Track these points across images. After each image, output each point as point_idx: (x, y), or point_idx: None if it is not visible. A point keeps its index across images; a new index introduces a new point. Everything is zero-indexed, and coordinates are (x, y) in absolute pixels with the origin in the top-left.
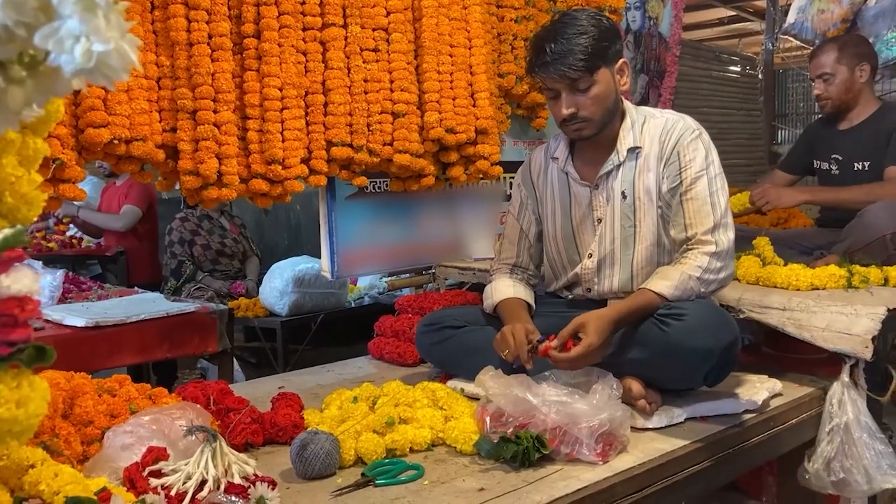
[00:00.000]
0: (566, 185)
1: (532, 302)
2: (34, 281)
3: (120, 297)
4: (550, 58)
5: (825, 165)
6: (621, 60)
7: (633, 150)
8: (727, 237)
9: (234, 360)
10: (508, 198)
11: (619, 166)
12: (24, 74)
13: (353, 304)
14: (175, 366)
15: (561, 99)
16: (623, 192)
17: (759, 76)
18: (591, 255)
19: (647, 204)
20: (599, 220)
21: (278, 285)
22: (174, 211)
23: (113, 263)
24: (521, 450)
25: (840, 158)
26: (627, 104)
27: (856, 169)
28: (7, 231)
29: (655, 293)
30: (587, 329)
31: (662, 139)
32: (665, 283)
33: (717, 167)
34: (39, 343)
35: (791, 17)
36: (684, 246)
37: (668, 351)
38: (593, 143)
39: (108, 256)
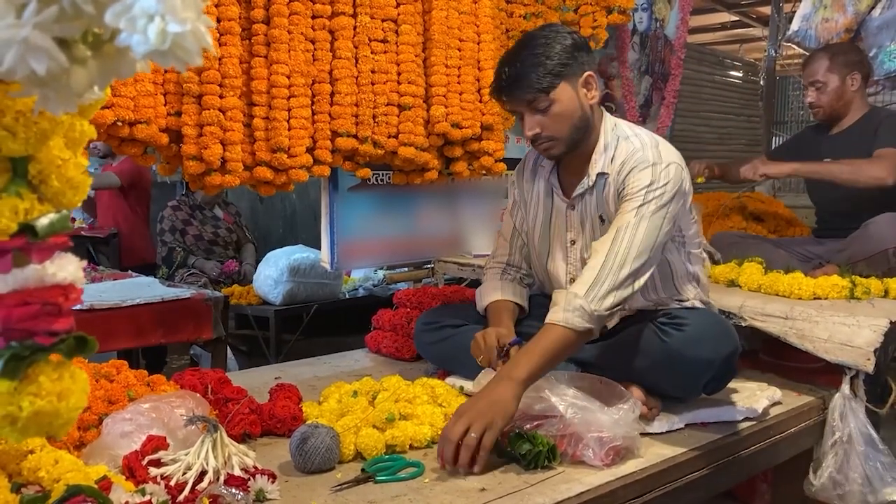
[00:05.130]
0: (550, 195)
1: (523, 301)
2: (78, 268)
3: (114, 280)
4: (505, 83)
5: None
6: (587, 74)
7: (602, 176)
8: (622, 254)
9: (228, 347)
10: None
11: (591, 189)
12: (88, 54)
13: (346, 296)
14: (164, 351)
15: (524, 120)
16: (601, 216)
17: (761, 82)
18: (573, 280)
19: None
20: (573, 242)
21: (273, 274)
22: (167, 194)
23: (105, 245)
24: (534, 451)
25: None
26: (606, 121)
27: None
28: (53, 216)
29: (550, 323)
30: (457, 413)
31: (619, 170)
32: (553, 309)
33: (655, 196)
34: (81, 333)
35: (795, 25)
36: None
37: (668, 360)
38: (570, 160)
39: (101, 238)
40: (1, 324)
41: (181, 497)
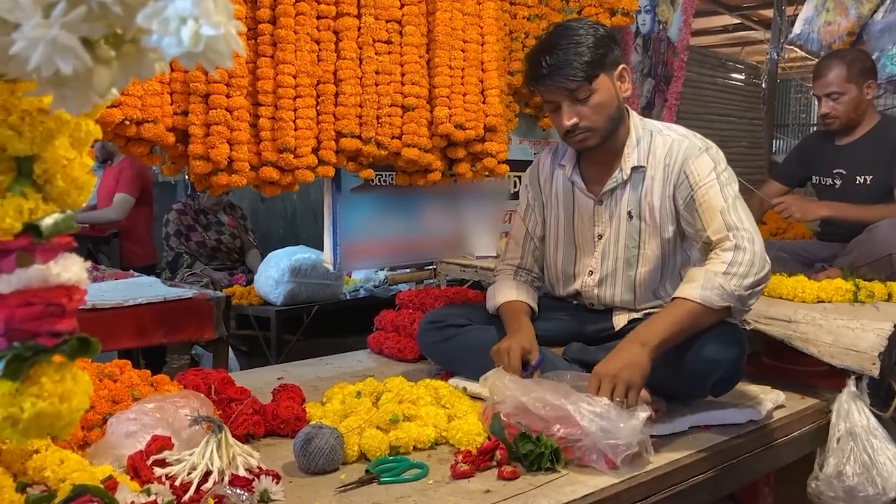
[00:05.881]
0: (571, 193)
1: (535, 305)
2: (82, 269)
3: (116, 280)
4: (547, 70)
5: (827, 180)
6: (621, 67)
7: (638, 170)
8: (747, 233)
9: (229, 347)
10: (513, 196)
11: (623, 184)
12: (112, 55)
13: (347, 296)
14: (164, 351)
15: (562, 110)
16: (629, 212)
17: (763, 85)
18: (591, 273)
19: (652, 226)
20: (600, 237)
21: (274, 274)
22: (168, 194)
23: (106, 245)
24: (537, 452)
25: (844, 173)
26: (633, 116)
27: (858, 182)
28: (57, 216)
29: (683, 298)
30: (601, 374)
31: (667, 162)
32: (690, 284)
33: (728, 177)
34: (83, 334)
35: (797, 28)
36: (708, 250)
37: (676, 361)
38: (598, 155)
39: (101, 238)
40: (4, 324)
41: (186, 497)
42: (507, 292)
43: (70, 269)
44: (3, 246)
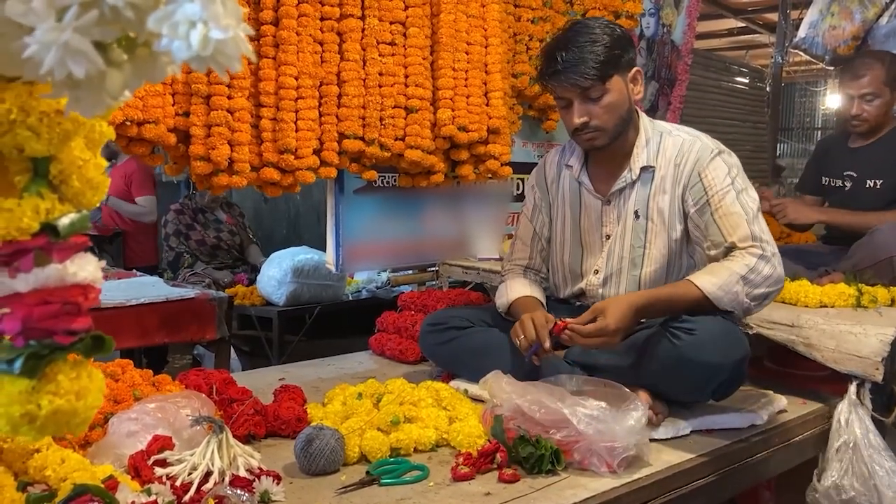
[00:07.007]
0: (578, 194)
1: (544, 303)
2: (97, 268)
3: (119, 279)
4: (562, 66)
5: (837, 182)
6: (634, 69)
7: (647, 169)
8: (771, 247)
9: (231, 348)
10: (516, 198)
11: (632, 184)
12: (125, 58)
13: (350, 298)
14: (166, 350)
15: (573, 108)
16: (636, 212)
17: (767, 89)
18: (597, 272)
19: (660, 226)
20: (608, 237)
21: (277, 275)
22: (170, 193)
23: (109, 244)
24: (537, 455)
25: (854, 176)
26: (643, 117)
27: (868, 186)
28: (73, 216)
29: (697, 287)
30: (605, 312)
31: (678, 162)
32: (710, 278)
33: (742, 182)
34: (98, 332)
35: (802, 32)
36: (729, 254)
37: (678, 364)
38: (606, 155)
39: (105, 237)
40: (21, 323)
41: (186, 497)
42: (519, 289)
43: (85, 268)
44: (20, 245)
